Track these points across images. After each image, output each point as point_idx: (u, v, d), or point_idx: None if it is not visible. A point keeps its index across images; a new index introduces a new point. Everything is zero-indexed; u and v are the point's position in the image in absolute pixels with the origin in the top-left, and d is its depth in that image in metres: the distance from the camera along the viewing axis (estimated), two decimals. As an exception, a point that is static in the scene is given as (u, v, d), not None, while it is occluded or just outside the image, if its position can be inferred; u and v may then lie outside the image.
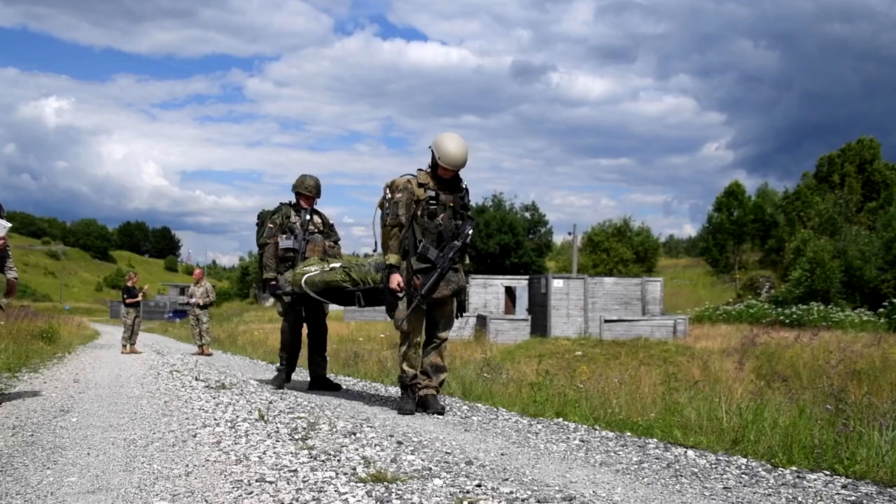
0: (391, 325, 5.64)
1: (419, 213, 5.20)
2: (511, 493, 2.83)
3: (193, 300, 15.24)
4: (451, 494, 2.77)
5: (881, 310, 29.95)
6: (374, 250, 5.66)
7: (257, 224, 7.37)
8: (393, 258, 5.21)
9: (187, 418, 4.84)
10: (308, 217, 7.18)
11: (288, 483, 2.95)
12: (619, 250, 50.62)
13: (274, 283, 6.96)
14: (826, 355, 13.43)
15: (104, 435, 4.20)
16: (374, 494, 2.75)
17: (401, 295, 5.21)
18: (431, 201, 5.22)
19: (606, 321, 26.81)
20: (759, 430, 4.20)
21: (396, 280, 5.20)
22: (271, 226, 7.08)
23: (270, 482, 2.96)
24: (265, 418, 4.71)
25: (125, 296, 15.43)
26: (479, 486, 2.92)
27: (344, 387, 7.39)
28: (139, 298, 15.44)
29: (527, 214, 57.63)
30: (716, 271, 53.91)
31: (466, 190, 5.43)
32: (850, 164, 48.91)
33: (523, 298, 30.37)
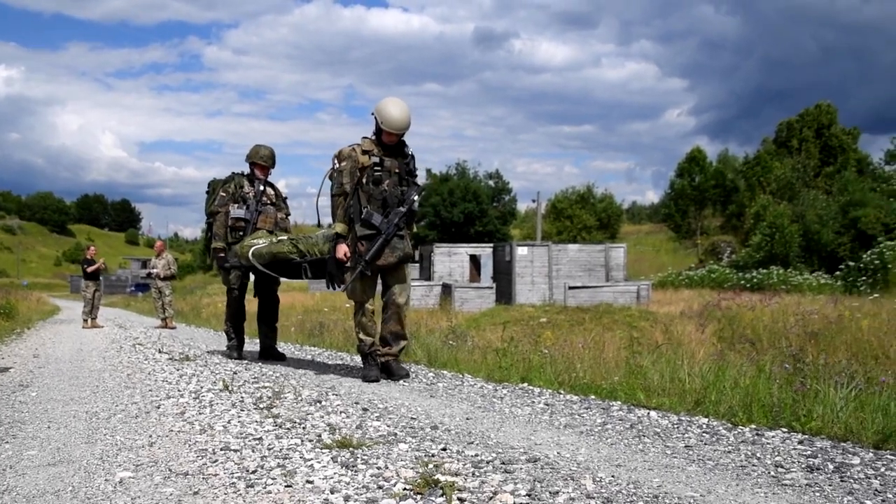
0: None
1: (364, 180, 5.19)
2: (476, 455, 2.85)
3: (155, 272, 15.05)
4: (416, 458, 2.78)
5: (838, 273, 30.61)
6: (318, 224, 6.01)
7: (207, 192, 7.20)
8: (339, 227, 5.23)
9: (150, 390, 4.80)
10: (262, 188, 7.03)
11: (253, 451, 2.94)
12: (582, 217, 51.01)
13: (222, 254, 6.83)
14: (785, 318, 13.71)
15: (65, 409, 4.14)
16: (339, 460, 2.76)
17: (348, 264, 5.25)
18: (376, 168, 5.20)
19: (571, 288, 27.02)
20: (720, 391, 4.27)
21: (343, 250, 5.24)
22: (223, 194, 6.91)
23: (235, 450, 2.95)
24: (230, 388, 4.69)
25: (85, 268, 15.18)
26: (444, 449, 2.94)
27: (309, 357, 7.38)
28: (98, 267, 15.18)
29: (490, 182, 57.66)
30: (678, 237, 54.62)
31: (412, 156, 5.42)
32: (808, 129, 49.58)
33: (488, 266, 30.46)
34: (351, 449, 2.94)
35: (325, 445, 3.00)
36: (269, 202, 7.06)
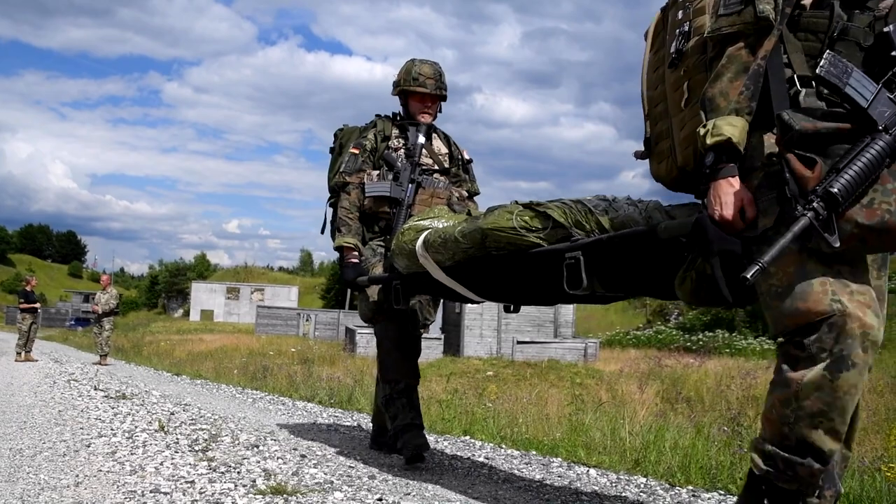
0: (302, 340, 5.46)
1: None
2: (413, 507, 2.81)
3: (93, 307, 14.71)
4: (351, 508, 2.73)
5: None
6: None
7: (332, 149, 4.34)
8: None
9: (82, 428, 4.65)
10: (421, 139, 4.04)
11: (184, 494, 2.86)
12: (534, 273, 51.34)
13: (354, 260, 3.89)
14: (728, 380, 13.94)
15: (-11, 443, 3.99)
16: (272, 507, 2.69)
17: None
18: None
19: (519, 342, 27.07)
20: (659, 451, 4.30)
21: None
22: (355, 152, 4.02)
23: (165, 493, 2.87)
24: (165, 429, 4.56)
25: (21, 300, 14.75)
26: (380, 500, 2.90)
27: (251, 400, 7.24)
28: (37, 305, 14.78)
29: (445, 234, 57.88)
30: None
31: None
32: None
33: (437, 317, 30.42)
34: (285, 496, 2.88)
35: (259, 491, 2.93)
36: (435, 167, 4.08)
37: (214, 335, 35.33)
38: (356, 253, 3.91)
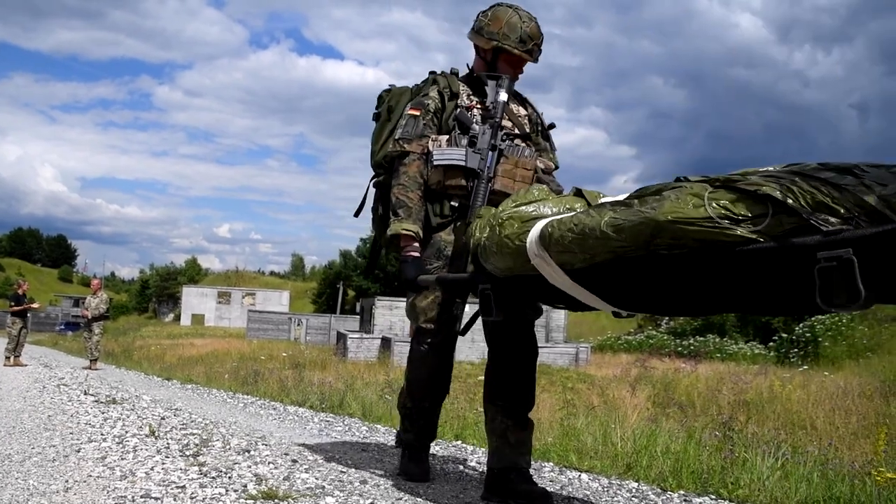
0: (294, 345, 5.46)
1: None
2: (404, 512, 2.81)
3: (83, 312, 14.67)
4: (343, 513, 2.73)
5: (771, 343, 31.44)
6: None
7: (375, 114, 3.54)
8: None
9: (72, 433, 4.62)
10: (503, 95, 3.23)
11: (175, 499, 2.84)
12: (525, 278, 51.40)
13: (415, 252, 3.16)
14: (719, 385, 13.98)
15: (-22, 448, 3.96)
16: (263, 512, 2.68)
17: None
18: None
19: (511, 347, 27.08)
20: (651, 456, 4.31)
21: None
22: (415, 113, 3.24)
23: (156, 498, 2.85)
24: (156, 434, 4.55)
25: (12, 304, 14.68)
26: (372, 505, 2.89)
27: (241, 405, 7.21)
28: (25, 306, 14.70)
29: (437, 238, 57.93)
30: (618, 302, 55.39)
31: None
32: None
33: (429, 322, 30.39)
34: (276, 501, 2.87)
35: (250, 496, 2.92)
36: (516, 132, 3.30)
37: (205, 340, 35.25)
38: (417, 245, 3.14)
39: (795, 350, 28.51)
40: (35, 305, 15.30)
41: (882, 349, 23.96)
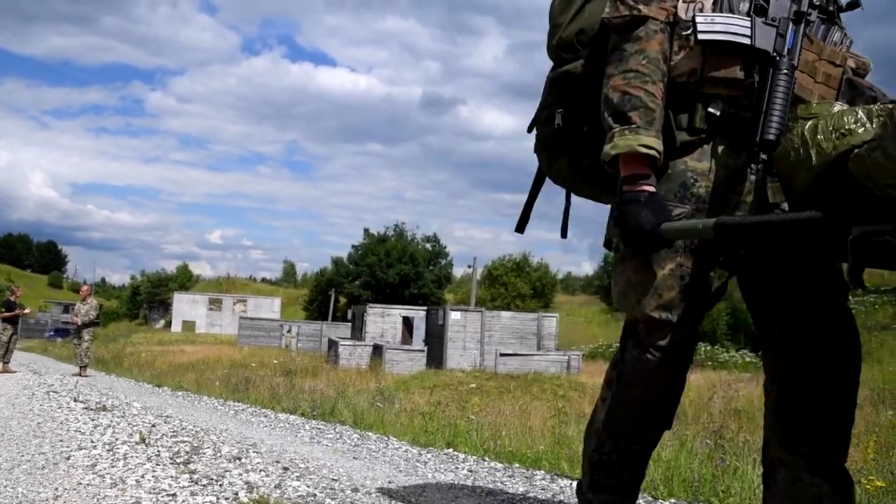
0: (285, 352, 5.44)
1: None
2: (396, 520, 2.80)
3: (73, 318, 14.60)
4: (334, 521, 2.72)
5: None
6: None
7: None
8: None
9: (61, 440, 4.60)
10: None
11: (164, 508, 2.83)
12: (517, 285, 51.52)
13: (650, 187, 1.80)
14: (710, 393, 14.01)
15: (-33, 456, 3.94)
16: (254, 520, 2.68)
17: None
18: None
19: (502, 355, 27.10)
20: (642, 464, 4.31)
21: None
22: None
23: (146, 507, 2.84)
24: (146, 441, 4.53)
25: (3, 310, 14.61)
26: (363, 513, 2.89)
27: (232, 412, 7.20)
28: (17, 313, 14.63)
29: (428, 246, 58.09)
30: (610, 309, 55.44)
31: None
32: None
33: (420, 329, 30.42)
34: (267, 509, 2.86)
35: (241, 504, 2.91)
36: (816, 2, 1.91)
37: (196, 346, 35.14)
38: (653, 175, 1.83)
39: (786, 358, 28.60)
40: (27, 311, 15.22)
41: (871, 358, 24.04)
